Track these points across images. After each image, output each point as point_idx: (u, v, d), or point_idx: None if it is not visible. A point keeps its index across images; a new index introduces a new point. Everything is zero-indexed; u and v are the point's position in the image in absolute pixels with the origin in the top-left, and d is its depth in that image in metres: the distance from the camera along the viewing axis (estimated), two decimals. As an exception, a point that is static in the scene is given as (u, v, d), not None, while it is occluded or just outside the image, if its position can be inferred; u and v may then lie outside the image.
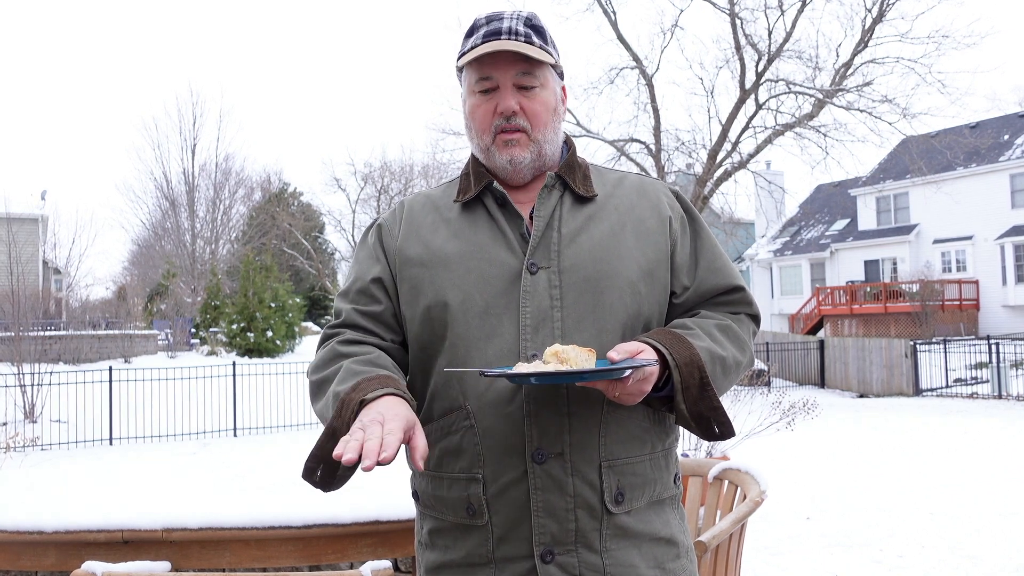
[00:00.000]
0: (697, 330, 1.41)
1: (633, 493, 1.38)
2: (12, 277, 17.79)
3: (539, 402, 1.34)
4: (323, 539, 2.56)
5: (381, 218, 1.58)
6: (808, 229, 35.47)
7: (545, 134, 1.48)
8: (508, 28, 1.43)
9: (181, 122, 38.11)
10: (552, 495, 1.33)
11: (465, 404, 1.37)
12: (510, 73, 1.44)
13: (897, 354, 18.81)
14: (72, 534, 2.49)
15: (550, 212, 1.45)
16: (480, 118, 1.47)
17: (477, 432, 1.36)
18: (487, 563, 1.37)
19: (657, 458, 1.42)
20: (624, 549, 1.36)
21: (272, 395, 14.34)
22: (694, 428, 1.36)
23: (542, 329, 1.37)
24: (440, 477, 1.41)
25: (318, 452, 1.28)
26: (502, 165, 1.47)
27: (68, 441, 12.33)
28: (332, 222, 41.40)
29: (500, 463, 1.35)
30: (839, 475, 8.47)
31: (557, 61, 1.50)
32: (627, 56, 19.67)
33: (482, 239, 1.44)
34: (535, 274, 1.39)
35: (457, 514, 1.39)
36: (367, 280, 1.49)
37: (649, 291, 1.44)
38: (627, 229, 1.46)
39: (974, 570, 5.01)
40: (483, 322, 1.38)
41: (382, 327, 1.48)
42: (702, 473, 2.91)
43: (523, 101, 1.45)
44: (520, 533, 1.34)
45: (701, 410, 1.34)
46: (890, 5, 18.70)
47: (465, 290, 1.40)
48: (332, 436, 1.27)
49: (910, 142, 21.04)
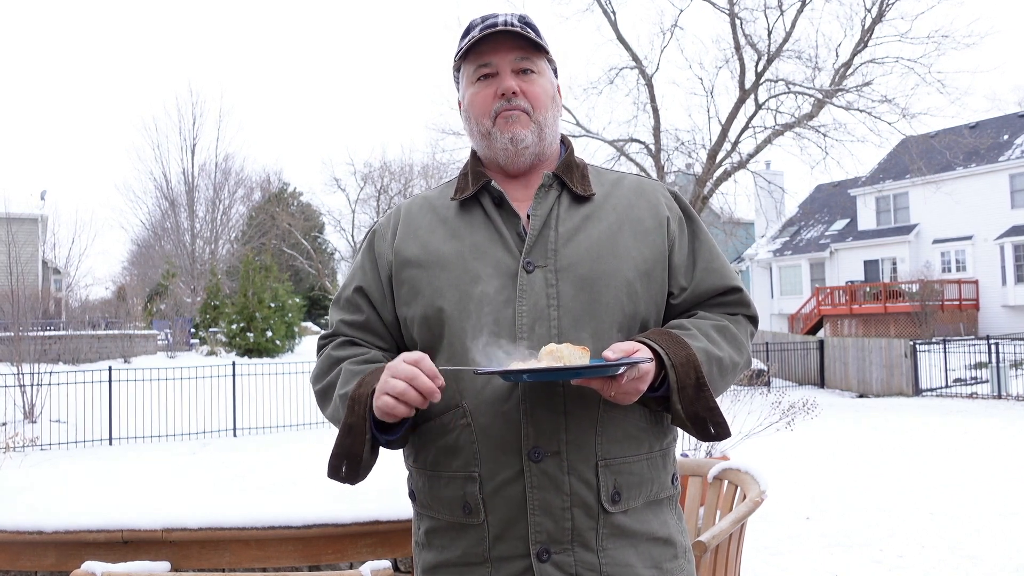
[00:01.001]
0: (694, 330, 1.41)
1: (630, 492, 1.38)
2: (12, 277, 17.78)
3: (536, 401, 1.34)
4: (323, 539, 2.56)
5: (377, 223, 1.60)
6: (808, 229, 35.47)
7: (545, 117, 1.49)
8: (504, 21, 1.47)
9: (181, 122, 38.18)
10: (548, 493, 1.33)
11: (462, 402, 1.38)
12: (508, 58, 1.47)
13: (897, 354, 18.81)
14: (72, 534, 2.49)
15: (547, 211, 1.45)
16: (480, 103, 1.48)
17: (474, 430, 1.36)
18: (483, 562, 1.37)
19: (655, 458, 1.42)
20: (621, 548, 1.36)
21: (272, 395, 14.35)
22: (690, 429, 1.37)
23: (539, 328, 1.37)
24: (437, 475, 1.41)
25: (339, 449, 1.36)
26: (503, 146, 1.47)
27: (68, 441, 12.33)
28: (332, 222, 41.48)
29: (496, 461, 1.35)
30: (839, 475, 8.47)
31: (552, 56, 1.54)
32: (627, 56, 19.67)
33: (479, 239, 1.45)
34: (531, 273, 1.40)
35: (453, 513, 1.39)
36: (351, 290, 1.54)
37: (646, 291, 1.44)
38: (625, 229, 1.46)
39: (974, 570, 5.02)
40: (479, 321, 1.38)
41: (369, 335, 1.52)
42: (702, 473, 2.91)
43: (523, 84, 1.47)
44: (516, 532, 1.34)
45: (697, 410, 1.35)
46: (890, 5, 18.70)
47: (462, 290, 1.40)
48: (350, 432, 1.36)
49: (910, 142, 21.04)
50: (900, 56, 18.87)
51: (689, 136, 20.20)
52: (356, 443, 1.35)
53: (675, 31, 19.53)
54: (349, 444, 1.35)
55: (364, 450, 1.35)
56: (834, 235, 33.35)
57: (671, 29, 19.41)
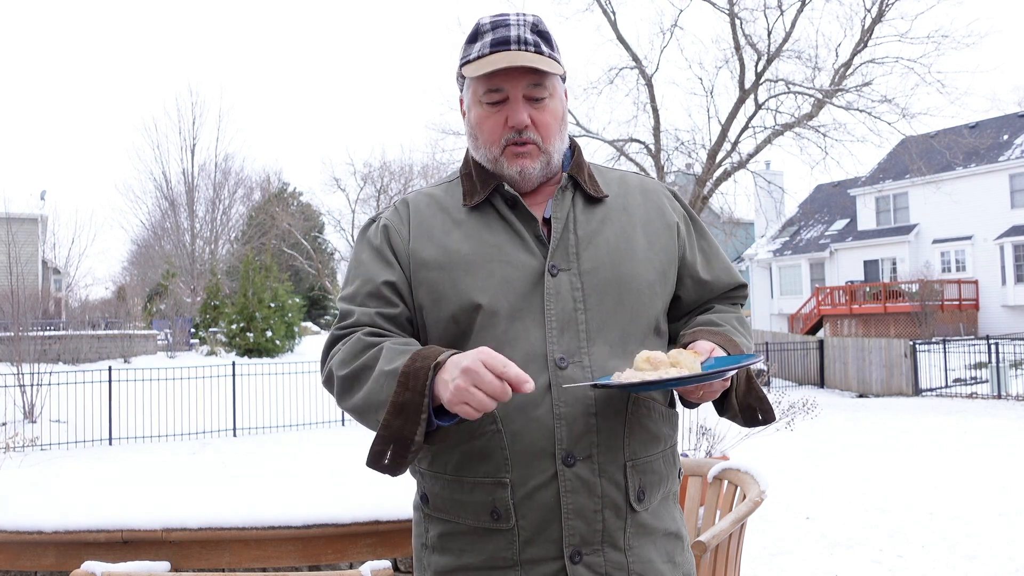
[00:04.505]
0: (728, 326, 1.48)
1: (652, 491, 1.40)
2: (11, 277, 17.76)
3: (567, 405, 1.33)
4: (323, 539, 2.56)
5: (384, 217, 1.52)
6: (807, 229, 35.47)
7: (554, 144, 1.47)
8: (517, 37, 1.40)
9: (180, 122, 38.14)
10: (581, 497, 1.33)
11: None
12: (520, 84, 1.41)
13: (897, 354, 18.81)
14: (71, 534, 2.49)
15: (565, 214, 1.45)
16: (489, 130, 1.44)
17: (504, 436, 1.34)
18: (512, 566, 1.35)
19: (667, 454, 1.46)
20: (644, 546, 1.38)
21: (272, 395, 14.34)
22: (740, 419, 1.45)
23: (567, 331, 1.37)
24: (460, 481, 1.38)
25: (386, 432, 1.25)
26: (511, 176, 1.45)
27: (67, 441, 12.33)
28: (332, 222, 41.44)
29: (529, 467, 1.33)
30: (839, 475, 8.47)
31: (564, 71, 1.47)
32: (627, 56, 19.67)
33: (499, 240, 1.42)
34: (556, 276, 1.39)
35: (479, 518, 1.36)
36: (378, 282, 1.43)
37: (663, 291, 1.49)
38: (638, 231, 1.48)
39: (974, 570, 5.01)
40: (510, 325, 1.37)
41: (400, 331, 1.43)
42: (702, 473, 2.91)
43: (533, 113, 1.42)
44: (548, 535, 1.34)
45: (750, 401, 1.45)
46: (889, 5, 18.71)
47: (491, 293, 1.38)
48: (400, 411, 1.24)
49: (909, 142, 21.05)
50: (900, 56, 18.88)
51: (689, 136, 20.22)
52: (408, 424, 1.24)
53: (675, 31, 19.54)
54: (400, 425, 1.24)
55: (417, 432, 1.24)
56: (834, 235, 33.34)
57: (671, 29, 19.42)
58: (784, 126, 19.23)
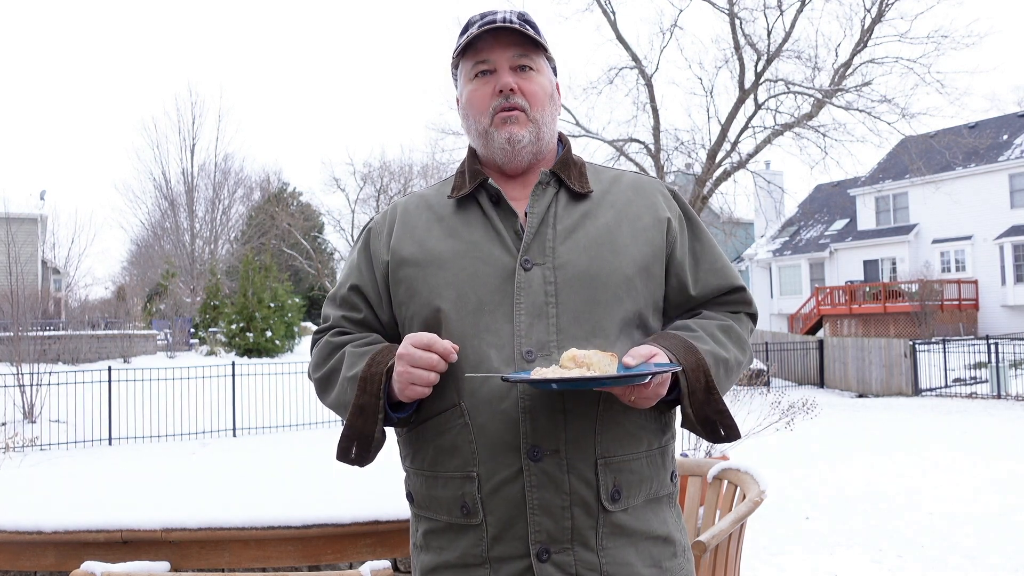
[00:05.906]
0: (700, 332, 1.42)
1: (630, 491, 1.37)
2: (11, 277, 17.75)
3: (534, 399, 1.33)
4: (322, 539, 2.56)
5: (372, 220, 1.60)
6: (807, 229, 35.48)
7: (543, 115, 1.49)
8: (503, 18, 1.47)
9: (180, 122, 38.12)
10: (548, 493, 1.32)
11: (459, 402, 1.37)
12: (507, 55, 1.47)
13: (896, 354, 18.82)
14: (71, 534, 2.49)
15: (544, 209, 1.45)
16: (478, 100, 1.49)
17: (471, 430, 1.35)
18: (482, 563, 1.36)
19: (654, 455, 1.42)
20: (621, 547, 1.35)
21: (271, 395, 14.34)
22: (700, 431, 1.38)
23: (537, 325, 1.37)
24: (435, 476, 1.41)
25: (350, 431, 1.39)
26: (500, 145, 1.47)
27: (67, 441, 12.33)
28: (331, 222, 41.44)
29: (495, 461, 1.34)
30: (839, 475, 8.47)
31: (551, 54, 1.54)
32: (626, 56, 19.69)
33: (476, 237, 1.45)
34: (529, 271, 1.40)
35: (451, 514, 1.38)
36: (347, 288, 1.54)
37: (645, 287, 1.45)
38: (623, 226, 1.46)
39: (974, 570, 5.02)
40: (477, 319, 1.38)
41: (365, 331, 1.52)
42: (701, 473, 2.91)
43: (520, 82, 1.48)
44: (515, 532, 1.33)
45: (707, 414, 1.37)
46: (889, 5, 18.72)
47: (459, 288, 1.40)
48: (361, 413, 1.38)
49: (909, 142, 21.07)
50: (900, 56, 18.91)
51: (689, 136, 20.25)
52: (368, 423, 1.37)
53: (675, 31, 19.57)
54: (360, 425, 1.37)
55: (376, 430, 1.37)
56: (834, 235, 33.36)
57: (671, 29, 19.45)
58: (784, 126, 19.25)
